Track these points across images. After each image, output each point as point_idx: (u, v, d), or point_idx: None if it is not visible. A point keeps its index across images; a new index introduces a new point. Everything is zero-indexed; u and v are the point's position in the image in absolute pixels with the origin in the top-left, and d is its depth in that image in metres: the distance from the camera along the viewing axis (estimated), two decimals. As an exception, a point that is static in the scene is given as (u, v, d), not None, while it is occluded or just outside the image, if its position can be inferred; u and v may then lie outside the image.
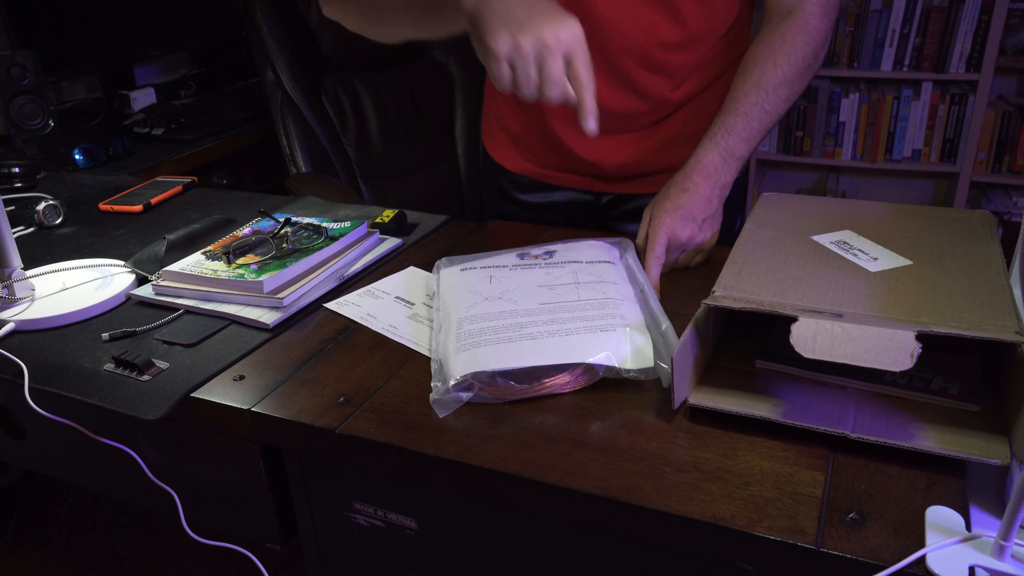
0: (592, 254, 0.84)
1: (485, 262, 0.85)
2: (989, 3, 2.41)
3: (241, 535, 0.79)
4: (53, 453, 0.88)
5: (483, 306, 0.75)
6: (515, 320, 0.73)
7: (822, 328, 0.59)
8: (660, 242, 0.86)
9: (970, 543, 0.52)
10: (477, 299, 0.77)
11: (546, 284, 0.78)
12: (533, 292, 0.77)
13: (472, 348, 0.70)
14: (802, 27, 0.94)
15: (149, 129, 1.91)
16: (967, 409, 0.62)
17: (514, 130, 1.15)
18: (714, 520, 0.55)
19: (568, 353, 0.68)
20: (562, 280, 0.79)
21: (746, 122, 0.91)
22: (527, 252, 0.86)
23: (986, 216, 0.80)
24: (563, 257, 0.84)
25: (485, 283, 0.79)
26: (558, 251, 0.85)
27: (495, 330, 0.72)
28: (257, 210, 1.07)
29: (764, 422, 0.62)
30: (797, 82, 0.94)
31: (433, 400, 0.68)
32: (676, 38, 0.99)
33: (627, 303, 0.75)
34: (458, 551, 0.70)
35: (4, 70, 1.57)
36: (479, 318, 0.74)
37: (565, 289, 0.77)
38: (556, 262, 0.83)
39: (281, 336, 0.82)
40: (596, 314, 0.73)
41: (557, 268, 0.81)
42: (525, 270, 0.82)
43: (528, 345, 0.69)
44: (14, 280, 0.89)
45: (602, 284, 0.77)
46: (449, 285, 0.81)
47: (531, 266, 0.82)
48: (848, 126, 2.70)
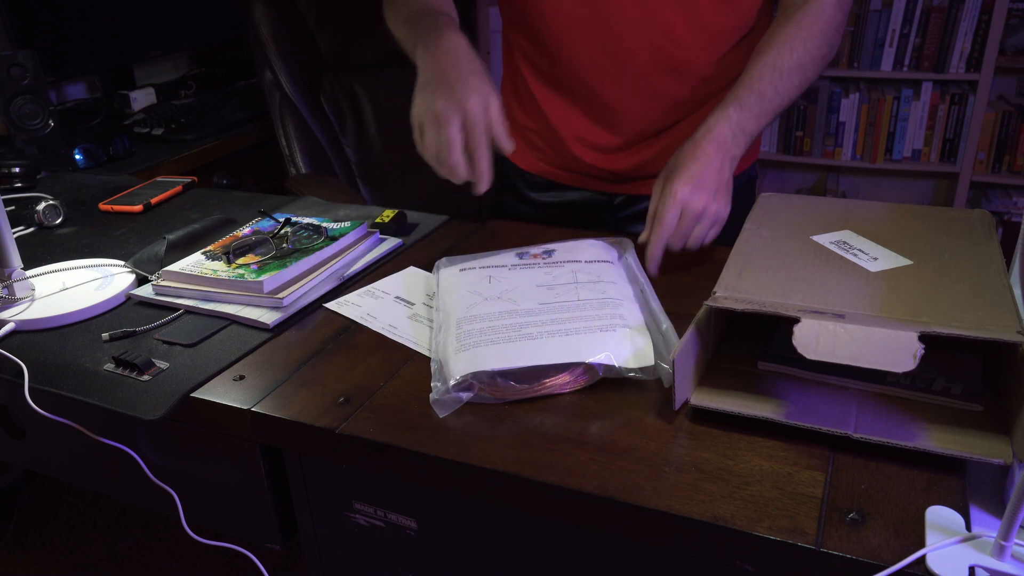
0: (591, 253, 0.84)
1: (484, 262, 0.85)
2: (989, 3, 2.41)
3: (241, 535, 0.79)
4: (53, 453, 0.88)
5: (483, 306, 0.75)
6: (515, 320, 0.73)
7: (824, 329, 0.59)
8: (672, 213, 0.84)
9: (970, 543, 0.52)
10: (476, 299, 0.77)
11: (545, 284, 0.78)
12: (532, 292, 0.77)
13: (472, 348, 0.70)
14: (818, 15, 0.94)
15: (149, 129, 1.91)
16: (970, 409, 0.62)
17: (527, 131, 1.16)
18: (714, 520, 0.55)
19: (568, 353, 0.68)
20: (561, 280, 0.79)
21: (759, 100, 0.90)
22: (526, 251, 0.86)
23: (985, 216, 0.80)
24: (562, 257, 0.84)
25: (484, 283, 0.79)
26: (557, 250, 0.85)
27: (495, 330, 0.72)
28: (257, 210, 1.07)
29: (764, 422, 0.62)
30: (811, 69, 0.94)
31: (433, 400, 0.68)
32: (693, 38, 0.99)
33: (627, 303, 0.75)
34: (458, 551, 0.70)
35: (4, 70, 1.57)
36: (479, 318, 0.74)
37: (564, 289, 0.77)
38: (555, 261, 0.83)
39: (281, 336, 0.82)
40: (595, 314, 0.73)
41: (556, 268, 0.81)
42: (524, 270, 0.82)
43: (528, 345, 0.70)
44: (14, 280, 0.89)
45: (601, 284, 0.77)
46: (449, 285, 0.81)
47: (530, 266, 0.82)
48: (848, 126, 2.70)
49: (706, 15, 0.98)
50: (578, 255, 0.83)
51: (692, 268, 0.92)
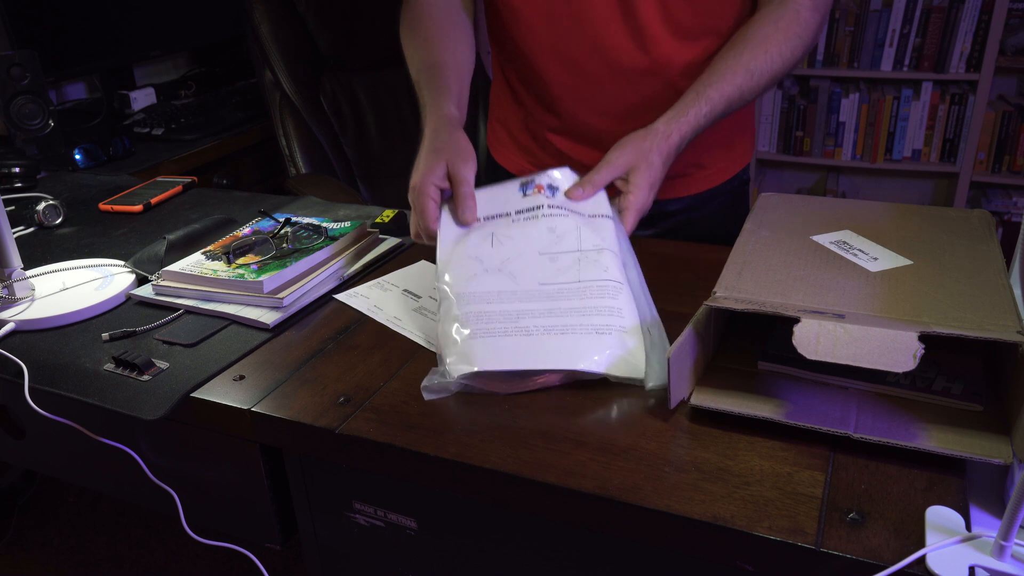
0: (594, 205, 0.82)
1: (489, 205, 0.83)
2: (989, 3, 2.41)
3: (241, 535, 0.79)
4: (53, 453, 0.88)
5: (483, 279, 0.75)
6: (513, 306, 0.73)
7: (824, 329, 0.59)
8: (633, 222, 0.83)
9: (970, 543, 0.52)
10: (477, 268, 0.76)
11: (548, 251, 0.77)
12: (534, 265, 0.76)
13: (470, 339, 0.71)
14: (794, 18, 0.94)
15: (149, 129, 1.91)
16: (970, 409, 0.62)
17: (517, 135, 1.16)
18: (714, 520, 0.55)
19: (562, 359, 0.70)
20: (564, 246, 0.78)
21: (725, 105, 0.91)
22: (531, 182, 0.84)
23: (985, 215, 0.80)
24: (565, 202, 0.82)
25: (487, 246, 0.79)
26: (560, 187, 0.83)
27: (492, 317, 0.73)
28: (257, 210, 1.07)
29: (764, 422, 0.62)
30: (781, 73, 0.94)
31: (424, 387, 0.70)
32: (667, 36, 0.99)
33: (625, 292, 0.75)
34: (458, 551, 0.70)
35: (4, 70, 1.57)
36: (478, 297, 0.74)
37: (566, 262, 0.76)
38: (558, 207, 0.81)
39: (281, 336, 0.82)
40: (594, 306, 0.73)
41: (560, 219, 0.80)
42: (528, 223, 0.80)
43: (524, 344, 0.71)
44: (14, 280, 0.89)
45: (603, 256, 0.77)
46: (451, 241, 0.80)
47: (533, 215, 0.81)
48: (848, 126, 2.70)
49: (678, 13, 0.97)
50: (582, 205, 0.82)
51: (692, 268, 0.92)
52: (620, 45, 1.00)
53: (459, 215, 0.81)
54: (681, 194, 1.13)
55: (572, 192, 0.83)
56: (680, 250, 0.97)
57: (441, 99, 0.91)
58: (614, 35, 0.99)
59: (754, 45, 0.93)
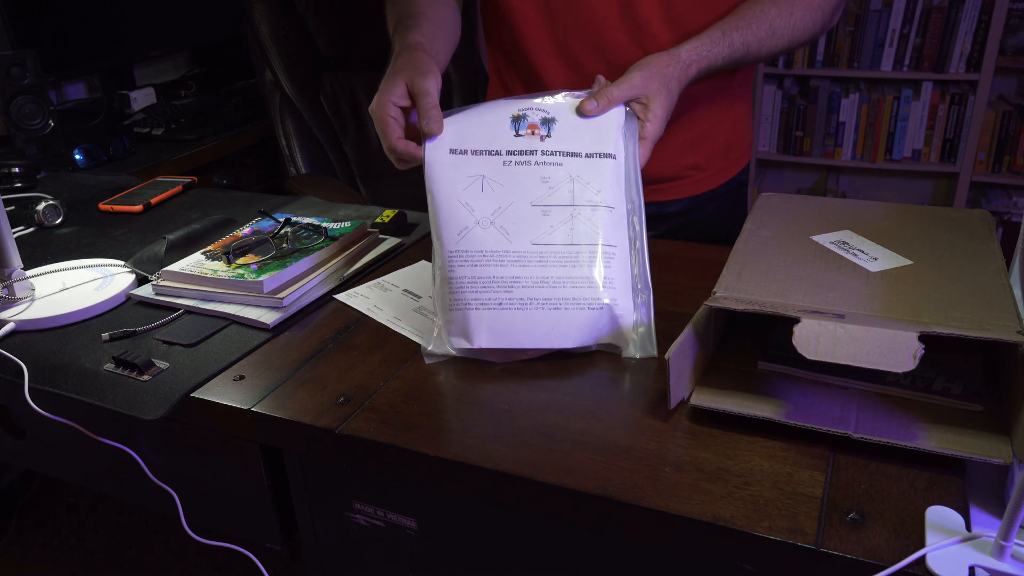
0: (592, 141, 0.79)
1: (477, 131, 0.79)
2: (989, 3, 2.41)
3: (241, 535, 0.79)
4: (53, 453, 0.88)
5: (475, 235, 0.75)
6: (507, 271, 0.74)
7: (824, 329, 0.59)
8: (648, 152, 0.82)
9: (970, 543, 0.52)
10: (468, 219, 0.76)
11: (540, 203, 0.76)
12: (527, 217, 0.76)
13: (467, 311, 0.74)
14: None
15: (149, 129, 1.91)
16: (970, 409, 0.62)
17: None
18: (714, 520, 0.55)
19: (556, 338, 0.74)
20: (557, 199, 0.76)
21: (742, 54, 0.91)
22: (524, 119, 0.80)
23: (985, 215, 0.80)
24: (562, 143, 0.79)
25: (476, 190, 0.77)
26: (557, 125, 0.80)
27: (488, 284, 0.74)
28: (257, 210, 1.07)
29: (764, 422, 0.62)
30: (796, 42, 0.94)
31: (424, 351, 0.76)
32: (667, 34, 0.99)
33: (618, 257, 0.76)
34: (458, 551, 0.70)
35: (4, 70, 1.57)
36: (472, 258, 0.75)
37: (560, 217, 0.76)
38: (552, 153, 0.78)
39: (281, 336, 0.82)
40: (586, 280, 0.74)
41: (553, 168, 0.77)
42: (519, 169, 0.78)
43: (517, 318, 0.73)
44: (14, 280, 0.89)
45: (599, 212, 0.76)
46: (438, 180, 0.77)
47: (526, 163, 0.78)
48: (848, 126, 2.70)
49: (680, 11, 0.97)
50: (579, 144, 0.79)
51: (692, 268, 0.92)
52: (620, 44, 1.00)
53: (423, 126, 0.78)
54: (679, 196, 1.13)
55: (585, 106, 0.79)
56: (680, 250, 0.97)
57: (407, 32, 0.89)
58: (614, 34, 0.99)
59: (781, 3, 0.93)
